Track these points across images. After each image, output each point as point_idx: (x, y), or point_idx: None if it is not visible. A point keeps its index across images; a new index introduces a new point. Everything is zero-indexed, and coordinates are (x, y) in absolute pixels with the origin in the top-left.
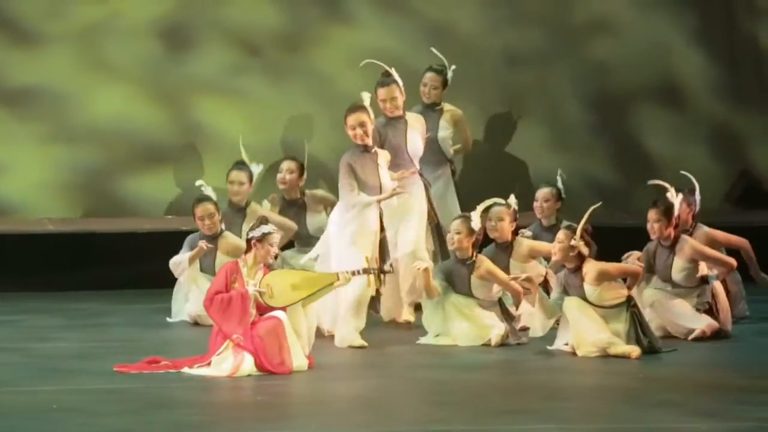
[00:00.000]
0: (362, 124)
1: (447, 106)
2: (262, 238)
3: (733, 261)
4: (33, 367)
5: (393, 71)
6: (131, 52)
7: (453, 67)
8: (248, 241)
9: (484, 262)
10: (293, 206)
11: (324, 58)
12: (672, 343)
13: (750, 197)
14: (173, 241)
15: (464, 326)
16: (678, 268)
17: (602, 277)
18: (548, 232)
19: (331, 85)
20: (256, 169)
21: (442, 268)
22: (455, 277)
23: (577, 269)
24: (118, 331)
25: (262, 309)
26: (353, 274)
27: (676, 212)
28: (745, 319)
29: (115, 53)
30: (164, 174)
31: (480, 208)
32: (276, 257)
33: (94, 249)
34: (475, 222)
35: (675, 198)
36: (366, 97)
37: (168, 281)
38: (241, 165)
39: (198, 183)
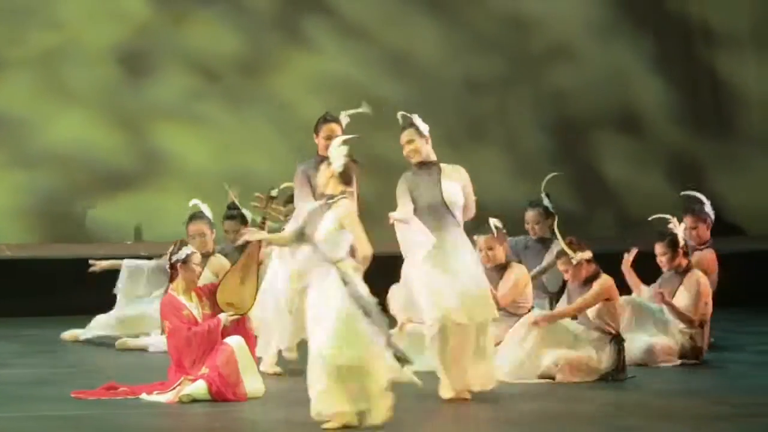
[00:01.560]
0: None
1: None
2: (186, 260)
3: (696, 322)
4: None
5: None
6: (90, 77)
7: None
8: (172, 266)
9: None
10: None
11: (284, 84)
12: (632, 370)
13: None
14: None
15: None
16: (680, 298)
17: (602, 296)
18: (539, 243)
19: (291, 111)
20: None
21: None
22: None
23: (588, 282)
24: (74, 357)
25: (226, 331)
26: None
27: (681, 242)
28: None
29: (73, 79)
30: (123, 200)
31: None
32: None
33: (51, 275)
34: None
35: (677, 227)
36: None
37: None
38: (233, 211)
39: (192, 202)
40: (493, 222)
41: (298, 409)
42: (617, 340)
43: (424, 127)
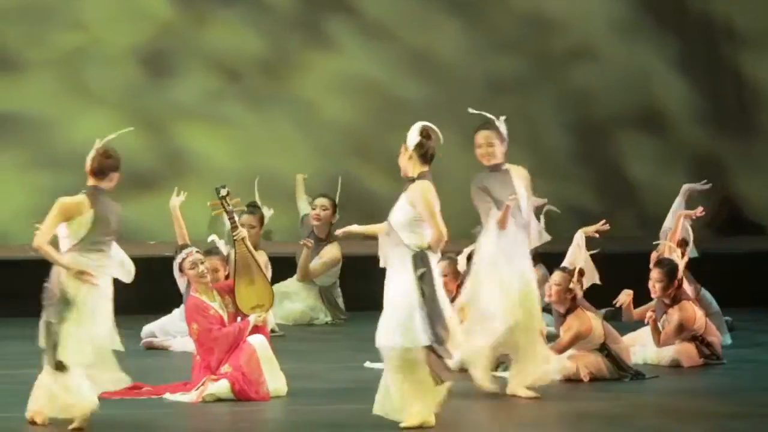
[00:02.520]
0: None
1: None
2: (181, 266)
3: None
4: (6, 394)
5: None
6: (112, 78)
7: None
8: (180, 271)
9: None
10: (321, 243)
11: (305, 84)
12: (655, 370)
13: (732, 224)
14: (155, 267)
15: None
16: (666, 329)
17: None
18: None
19: (312, 111)
20: (268, 212)
21: None
22: None
23: (566, 314)
24: None
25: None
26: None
27: (679, 274)
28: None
29: (95, 79)
30: (146, 200)
31: (466, 251)
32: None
33: None
34: (461, 264)
35: (679, 260)
36: None
37: (151, 307)
38: (253, 208)
39: (210, 238)
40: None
41: (321, 407)
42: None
43: (504, 130)
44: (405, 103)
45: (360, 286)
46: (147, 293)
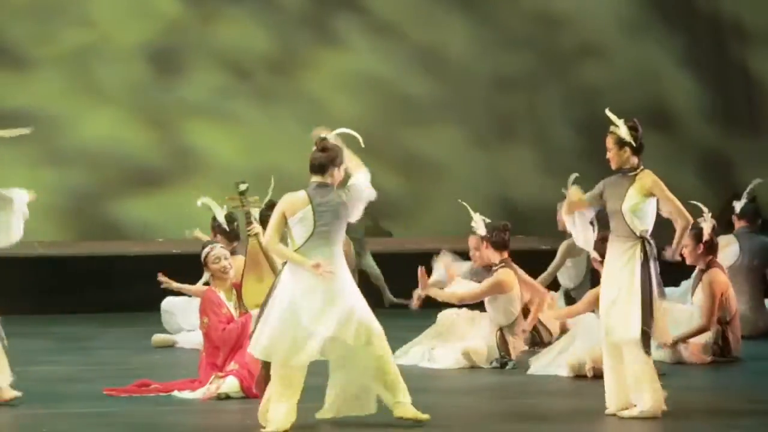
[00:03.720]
0: None
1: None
2: (205, 260)
3: (709, 325)
4: (21, 390)
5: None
6: (121, 75)
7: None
8: (204, 266)
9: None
10: None
11: (313, 81)
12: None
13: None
14: (162, 264)
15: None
16: (697, 297)
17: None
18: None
19: (320, 109)
20: None
21: None
22: None
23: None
24: (105, 354)
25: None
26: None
27: (705, 236)
28: None
29: (104, 77)
30: (154, 197)
31: (477, 217)
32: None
33: (83, 272)
34: (480, 228)
35: (706, 221)
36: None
37: (156, 304)
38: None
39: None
40: (476, 220)
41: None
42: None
43: (626, 134)
44: (413, 101)
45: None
46: (158, 291)
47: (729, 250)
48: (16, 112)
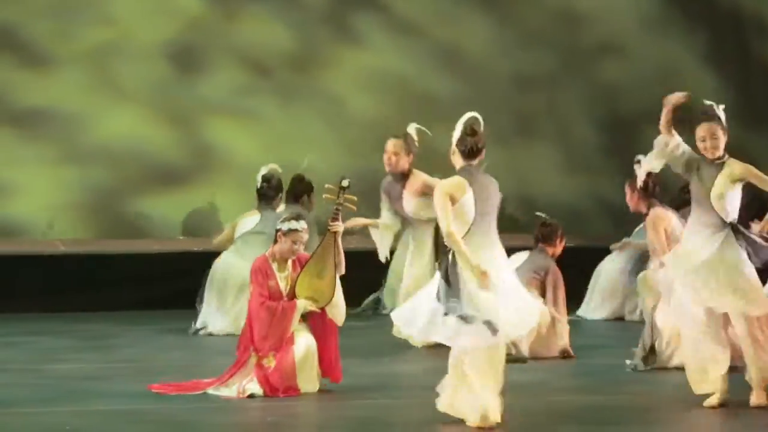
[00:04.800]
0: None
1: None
2: (287, 233)
3: None
4: (45, 388)
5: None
6: (141, 73)
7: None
8: (276, 231)
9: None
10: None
11: (335, 79)
12: None
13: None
14: (184, 262)
15: None
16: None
17: None
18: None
19: (341, 107)
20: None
21: None
22: None
23: None
24: (129, 352)
25: (311, 318)
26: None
27: (724, 123)
28: None
29: (125, 75)
30: (175, 195)
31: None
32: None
33: (105, 270)
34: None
35: (720, 110)
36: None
37: (178, 302)
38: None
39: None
40: (411, 127)
41: (350, 404)
42: None
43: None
44: (433, 99)
45: None
46: (179, 289)
47: None
48: (38, 111)
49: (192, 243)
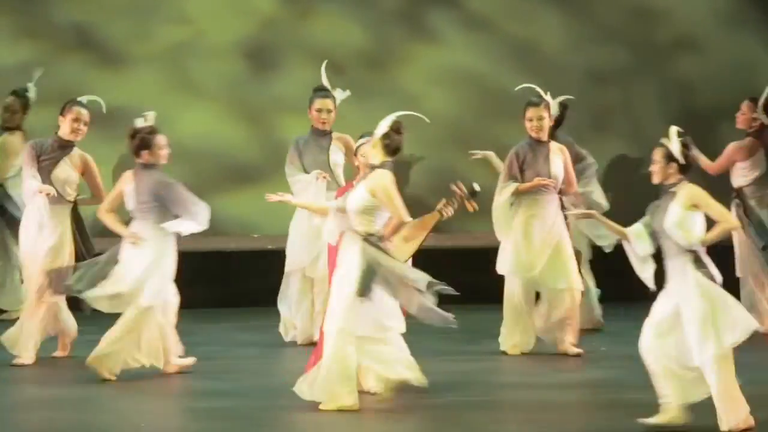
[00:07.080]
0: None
1: None
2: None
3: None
4: (118, 385)
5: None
6: (216, 72)
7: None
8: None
9: None
10: None
11: (408, 77)
12: None
13: None
14: (259, 260)
15: None
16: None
17: None
18: None
19: (415, 104)
20: (341, 95)
21: None
22: None
23: None
24: (203, 350)
25: None
26: (450, 204)
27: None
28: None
29: (200, 73)
30: (250, 193)
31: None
32: None
33: (179, 268)
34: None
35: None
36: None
37: (253, 300)
38: (325, 92)
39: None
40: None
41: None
42: None
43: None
44: (507, 95)
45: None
46: (253, 287)
47: None
48: (115, 110)
49: (267, 241)
